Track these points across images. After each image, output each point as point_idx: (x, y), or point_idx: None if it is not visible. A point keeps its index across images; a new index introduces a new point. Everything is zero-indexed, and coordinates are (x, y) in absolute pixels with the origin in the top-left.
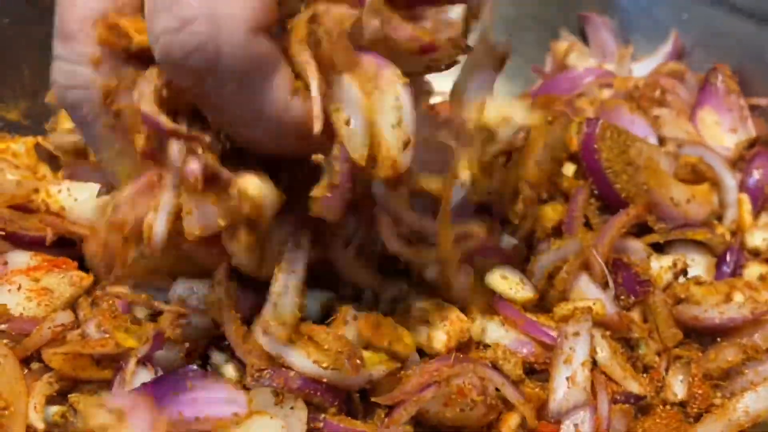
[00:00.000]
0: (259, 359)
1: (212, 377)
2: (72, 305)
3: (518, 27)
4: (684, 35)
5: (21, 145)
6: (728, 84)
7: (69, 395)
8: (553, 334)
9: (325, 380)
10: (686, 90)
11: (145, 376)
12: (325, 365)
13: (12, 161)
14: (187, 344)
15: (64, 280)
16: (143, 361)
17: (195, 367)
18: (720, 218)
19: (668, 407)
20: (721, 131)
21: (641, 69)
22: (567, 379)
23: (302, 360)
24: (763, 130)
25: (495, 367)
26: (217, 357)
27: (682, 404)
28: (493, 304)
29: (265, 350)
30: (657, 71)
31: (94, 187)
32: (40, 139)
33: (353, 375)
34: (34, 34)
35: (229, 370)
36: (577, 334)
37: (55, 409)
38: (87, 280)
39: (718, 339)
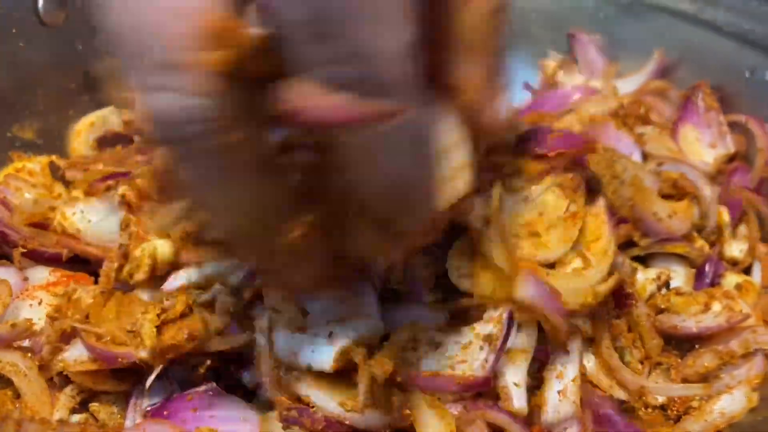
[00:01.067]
0: (287, 397)
1: (227, 395)
2: None
3: (510, 45)
4: (668, 53)
5: (36, 164)
6: (708, 101)
7: (90, 404)
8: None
9: (348, 422)
10: (669, 107)
11: (163, 390)
12: (348, 408)
13: (29, 180)
14: (208, 361)
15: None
16: (161, 376)
17: (214, 384)
18: (700, 230)
19: (650, 410)
20: (701, 147)
21: (626, 86)
22: (558, 392)
23: (327, 401)
24: (741, 146)
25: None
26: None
27: (663, 407)
28: None
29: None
30: (642, 89)
31: (106, 208)
32: (54, 158)
33: (380, 416)
34: (48, 56)
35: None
36: (567, 352)
37: (77, 418)
38: None
39: (696, 345)
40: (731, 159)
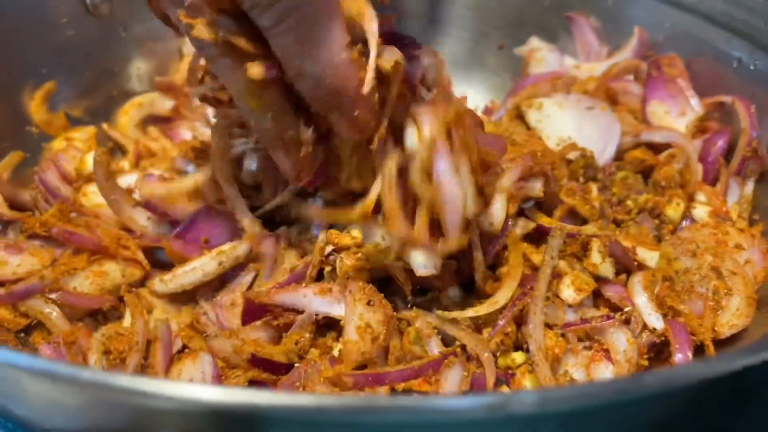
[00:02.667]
0: None
1: None
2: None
3: (523, 32)
4: (667, 42)
5: (84, 133)
6: (668, 71)
7: None
8: None
9: None
10: (640, 86)
11: None
12: None
13: (80, 148)
14: None
15: (118, 269)
16: None
17: None
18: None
19: None
20: (671, 119)
21: (604, 68)
22: None
23: None
24: (709, 108)
25: None
26: None
27: None
28: None
29: None
30: (606, 73)
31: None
32: (105, 126)
33: None
34: (94, 41)
35: None
36: None
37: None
38: (135, 275)
39: None
40: (702, 120)
